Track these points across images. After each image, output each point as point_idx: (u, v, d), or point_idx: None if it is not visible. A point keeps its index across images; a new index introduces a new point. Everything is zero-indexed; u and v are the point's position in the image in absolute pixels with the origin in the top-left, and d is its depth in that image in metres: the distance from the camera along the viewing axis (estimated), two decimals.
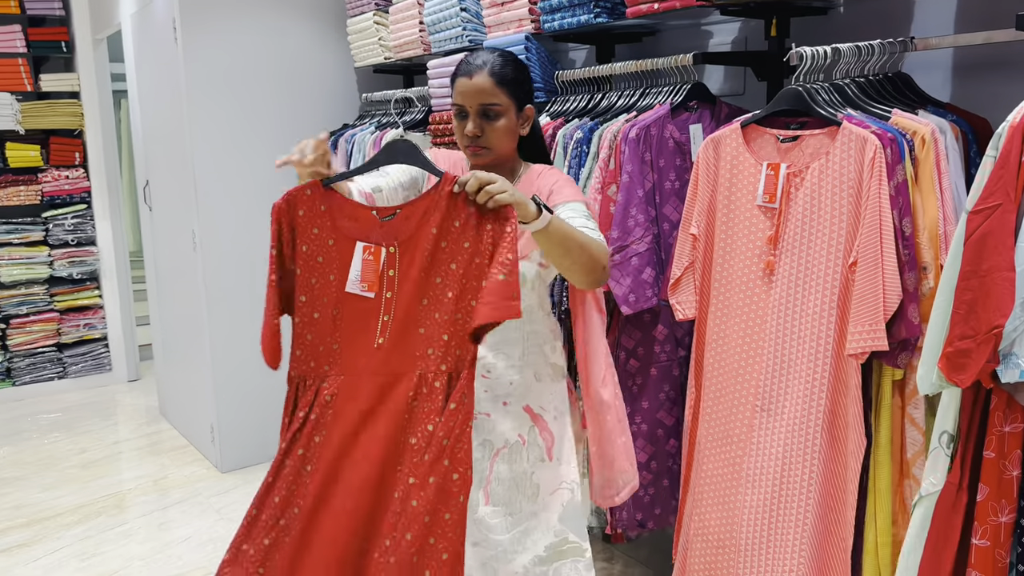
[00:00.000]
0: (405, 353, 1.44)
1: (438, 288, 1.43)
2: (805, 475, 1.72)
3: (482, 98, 1.65)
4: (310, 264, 1.48)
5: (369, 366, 1.45)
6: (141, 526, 3.16)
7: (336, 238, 1.47)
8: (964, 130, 1.71)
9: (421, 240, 1.43)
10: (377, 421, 1.42)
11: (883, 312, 1.55)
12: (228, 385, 3.60)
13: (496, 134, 1.66)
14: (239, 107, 3.51)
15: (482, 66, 1.65)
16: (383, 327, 1.46)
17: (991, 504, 1.38)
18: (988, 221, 1.35)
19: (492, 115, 1.66)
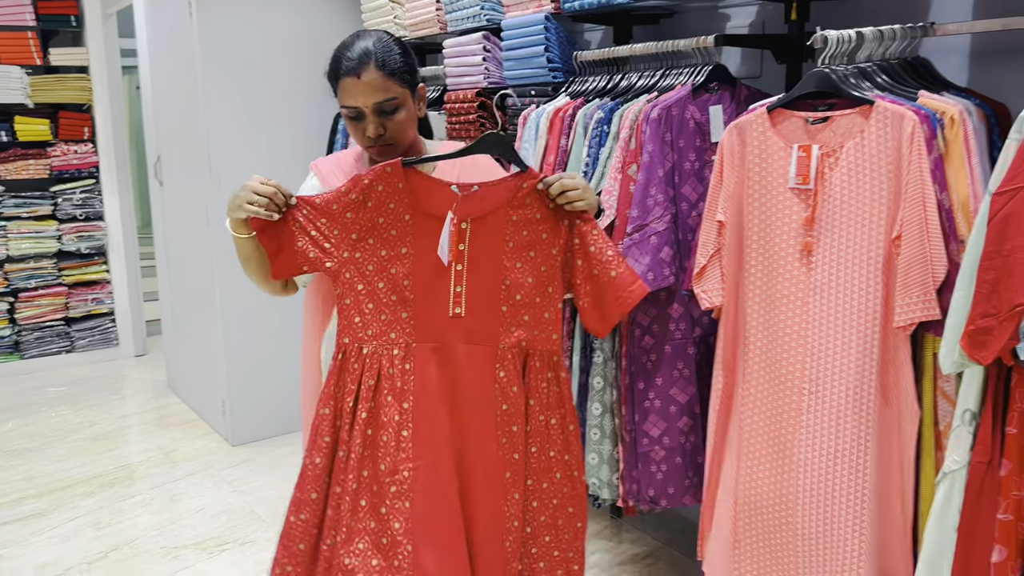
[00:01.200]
0: (486, 327, 1.53)
1: (519, 272, 1.54)
2: (859, 454, 1.74)
3: (376, 96, 1.54)
4: (383, 236, 1.54)
5: (447, 334, 1.52)
6: (154, 497, 3.20)
7: (413, 213, 1.53)
8: (987, 113, 1.74)
9: (498, 223, 1.53)
10: (464, 387, 1.52)
11: (933, 281, 1.58)
12: (239, 360, 3.63)
13: (398, 127, 1.58)
14: (253, 84, 3.52)
15: (367, 60, 1.54)
16: (456, 298, 1.52)
17: (1014, 479, 1.41)
18: (1012, 202, 1.38)
19: (390, 110, 1.56)
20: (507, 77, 2.79)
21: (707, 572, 2.03)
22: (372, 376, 1.52)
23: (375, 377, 1.52)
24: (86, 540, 2.86)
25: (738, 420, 1.96)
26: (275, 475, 3.37)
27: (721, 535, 2.01)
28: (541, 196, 1.55)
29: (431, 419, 1.51)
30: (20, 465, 3.51)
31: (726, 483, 2.01)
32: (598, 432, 2.33)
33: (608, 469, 2.33)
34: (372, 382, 1.52)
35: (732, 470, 1.99)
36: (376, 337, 1.53)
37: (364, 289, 1.53)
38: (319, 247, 1.54)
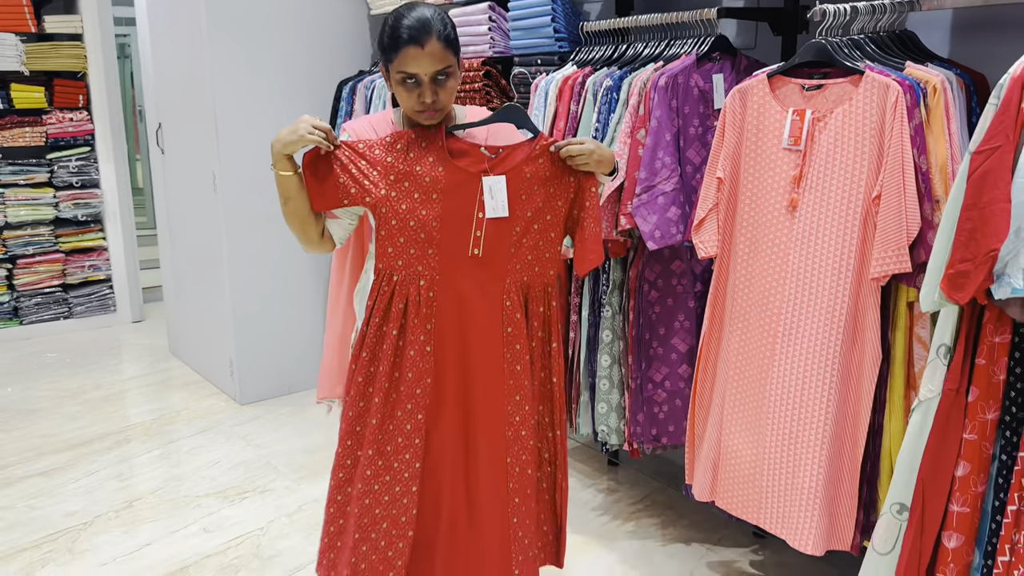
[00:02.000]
0: (497, 265, 1.77)
1: (528, 220, 1.78)
2: (824, 391, 1.95)
3: (436, 65, 1.64)
4: (418, 182, 1.74)
5: (465, 270, 1.76)
6: (172, 451, 3.33)
7: (447, 167, 1.74)
8: (967, 83, 1.91)
9: (514, 179, 1.76)
10: (477, 314, 1.79)
11: (907, 237, 1.77)
12: (246, 322, 3.76)
13: (448, 95, 1.71)
14: (259, 52, 3.61)
15: (429, 30, 1.62)
16: (475, 241, 1.75)
17: (980, 404, 1.61)
18: (989, 160, 1.56)
19: (444, 78, 1.68)
20: (514, 47, 2.92)
21: (696, 494, 2.23)
22: (401, 300, 1.76)
23: (403, 301, 1.76)
24: (110, 491, 3.00)
25: (723, 362, 2.16)
26: (286, 430, 3.52)
27: (705, 466, 2.21)
28: (552, 156, 1.78)
29: (450, 338, 1.78)
30: (35, 424, 3.62)
31: (712, 418, 2.20)
32: (607, 383, 2.50)
33: (616, 417, 2.51)
34: (401, 306, 1.76)
35: (716, 407, 2.19)
36: (405, 267, 1.76)
37: (397, 224, 1.75)
38: (359, 184, 1.74)
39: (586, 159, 1.75)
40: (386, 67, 1.71)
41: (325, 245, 1.87)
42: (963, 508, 1.68)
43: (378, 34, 1.74)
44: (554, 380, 1.86)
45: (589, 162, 1.76)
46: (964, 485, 1.67)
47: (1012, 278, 1.53)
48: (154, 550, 2.59)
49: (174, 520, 2.78)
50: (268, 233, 3.74)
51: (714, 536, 2.62)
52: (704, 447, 2.23)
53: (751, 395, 2.09)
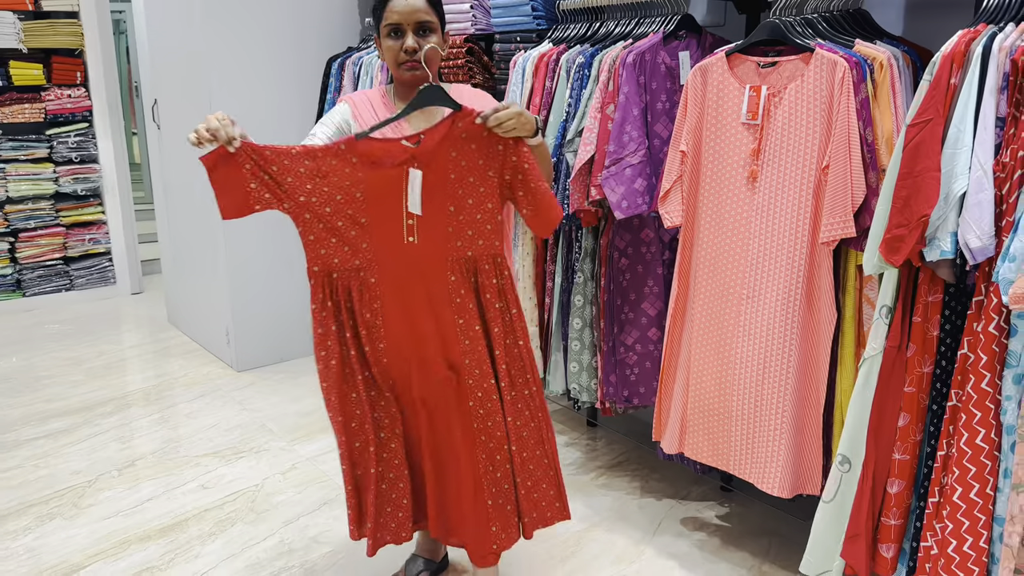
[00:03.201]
0: (437, 246, 1.82)
1: (460, 197, 1.80)
2: (786, 348, 2.09)
3: (418, 16, 1.80)
4: (339, 185, 1.79)
5: (404, 258, 1.82)
6: (171, 415, 3.48)
7: (368, 168, 1.79)
8: (913, 59, 2.03)
9: (440, 161, 1.78)
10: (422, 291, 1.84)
11: (851, 205, 1.90)
12: (242, 292, 3.90)
13: (432, 50, 1.83)
14: (252, 30, 3.71)
15: None
16: (409, 229, 1.81)
17: (917, 358, 1.75)
18: (922, 132, 1.68)
19: (427, 31, 1.83)
20: (495, 24, 3.03)
21: (664, 448, 2.38)
22: (344, 294, 1.84)
23: (347, 294, 1.84)
24: (113, 452, 3.15)
25: (689, 323, 2.30)
26: (280, 395, 3.67)
27: (673, 420, 2.36)
28: (476, 129, 1.76)
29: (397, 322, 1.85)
30: (40, 391, 3.76)
31: (680, 377, 2.35)
32: (578, 344, 2.64)
33: (587, 376, 2.65)
34: (345, 300, 1.84)
35: (684, 366, 2.33)
36: (342, 265, 1.83)
37: (323, 227, 1.81)
38: (272, 191, 1.80)
39: (514, 123, 1.73)
40: (377, 30, 1.85)
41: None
42: (903, 456, 1.83)
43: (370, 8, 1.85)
44: (520, 343, 1.92)
45: (517, 126, 1.73)
46: (904, 434, 1.81)
47: (941, 241, 1.67)
48: (155, 504, 2.74)
49: (173, 478, 2.93)
50: None
51: (683, 491, 2.78)
52: (673, 403, 2.38)
53: (718, 352, 2.23)
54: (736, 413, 2.18)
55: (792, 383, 2.10)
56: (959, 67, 1.67)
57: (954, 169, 1.65)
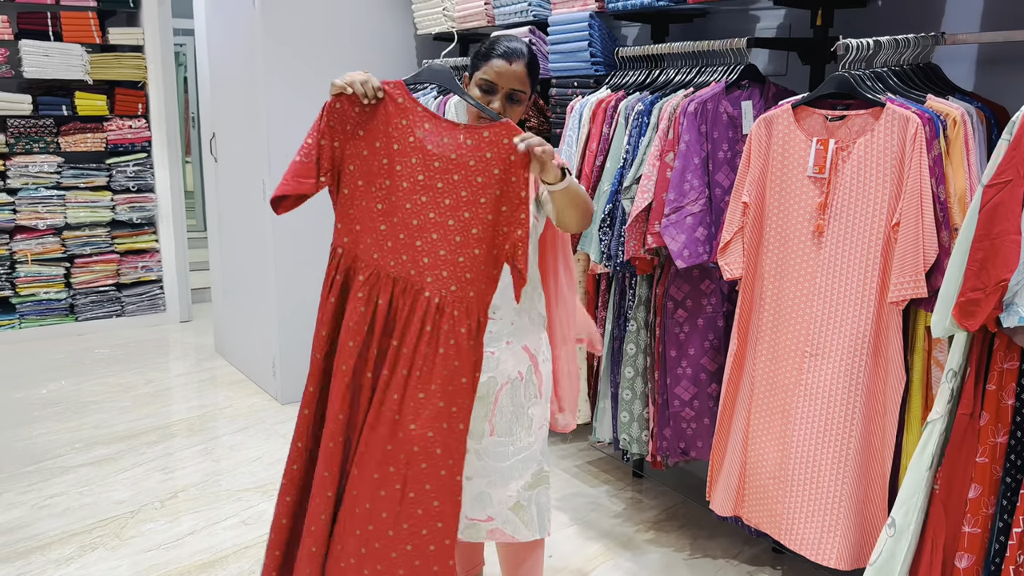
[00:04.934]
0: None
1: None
2: (849, 409, 2.01)
3: (515, 84, 1.80)
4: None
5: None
6: (215, 447, 3.49)
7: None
8: (987, 115, 1.97)
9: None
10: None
11: (923, 264, 1.84)
12: (290, 324, 3.91)
13: (514, 117, 1.83)
14: (309, 68, 3.77)
15: (521, 56, 1.81)
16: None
17: (990, 428, 1.67)
18: (1000, 193, 1.62)
19: (516, 100, 1.83)
20: (552, 69, 3.03)
21: (718, 511, 2.31)
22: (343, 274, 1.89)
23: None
24: (156, 482, 3.15)
25: (749, 380, 2.23)
26: None
27: (730, 482, 2.28)
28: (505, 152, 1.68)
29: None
30: (87, 416, 3.81)
31: (735, 436, 2.27)
32: (630, 393, 2.59)
33: (638, 427, 2.60)
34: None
35: (741, 424, 2.26)
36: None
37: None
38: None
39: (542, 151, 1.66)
40: (471, 74, 1.85)
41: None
42: (974, 529, 1.74)
43: (472, 52, 1.86)
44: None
45: (544, 155, 1.66)
46: (976, 507, 1.72)
47: (1020, 307, 1.60)
48: (195, 539, 2.73)
49: (215, 512, 2.92)
50: (313, 240, 3.88)
51: (734, 550, 2.69)
52: (728, 464, 2.30)
53: (778, 412, 2.16)
54: (793, 477, 2.10)
55: (855, 446, 2.02)
56: None
57: None
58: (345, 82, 1.75)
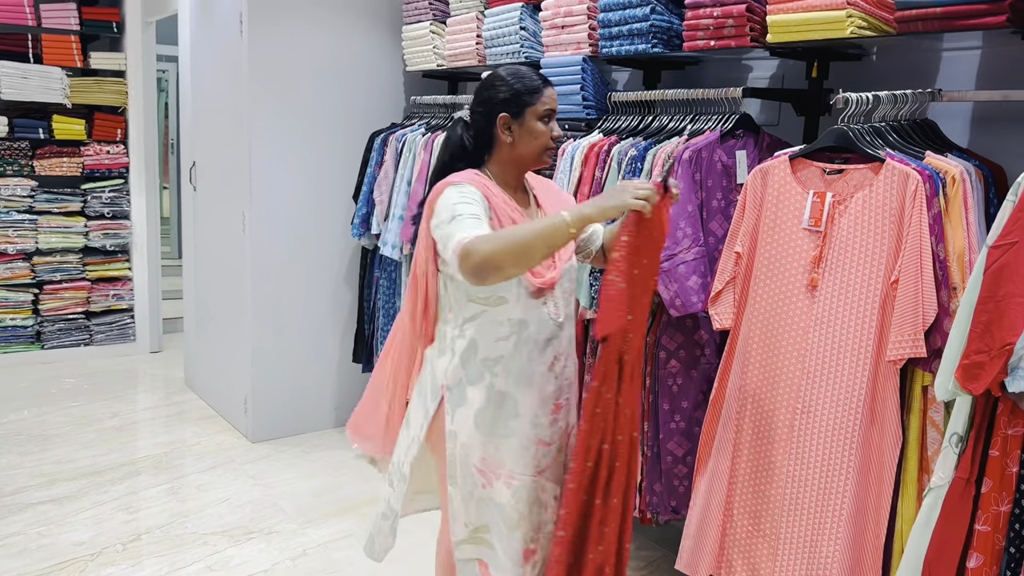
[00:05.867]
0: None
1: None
2: (843, 470, 1.95)
3: (557, 105, 1.87)
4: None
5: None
6: (181, 486, 3.36)
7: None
8: (985, 174, 1.96)
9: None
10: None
11: (922, 323, 1.80)
12: (264, 361, 3.81)
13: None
14: (295, 101, 3.72)
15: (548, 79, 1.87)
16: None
17: (993, 495, 1.62)
18: (1006, 255, 1.60)
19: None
20: None
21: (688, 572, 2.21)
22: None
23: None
24: (118, 523, 3.02)
25: (730, 435, 2.17)
26: (295, 471, 3.54)
27: (704, 542, 2.20)
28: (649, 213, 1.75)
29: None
30: (49, 450, 3.66)
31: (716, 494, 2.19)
32: None
33: None
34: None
35: (722, 481, 2.17)
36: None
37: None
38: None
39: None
40: (520, 112, 1.80)
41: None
42: None
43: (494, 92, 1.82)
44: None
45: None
46: None
47: None
48: None
49: (179, 556, 2.79)
50: (292, 275, 3.81)
51: None
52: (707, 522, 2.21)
53: (764, 470, 2.09)
54: (785, 538, 2.03)
55: (848, 508, 1.96)
56: None
57: None
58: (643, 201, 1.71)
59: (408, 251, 3.37)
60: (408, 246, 3.34)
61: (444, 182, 1.80)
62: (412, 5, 3.72)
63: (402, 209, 3.39)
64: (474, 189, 1.77)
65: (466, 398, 1.82)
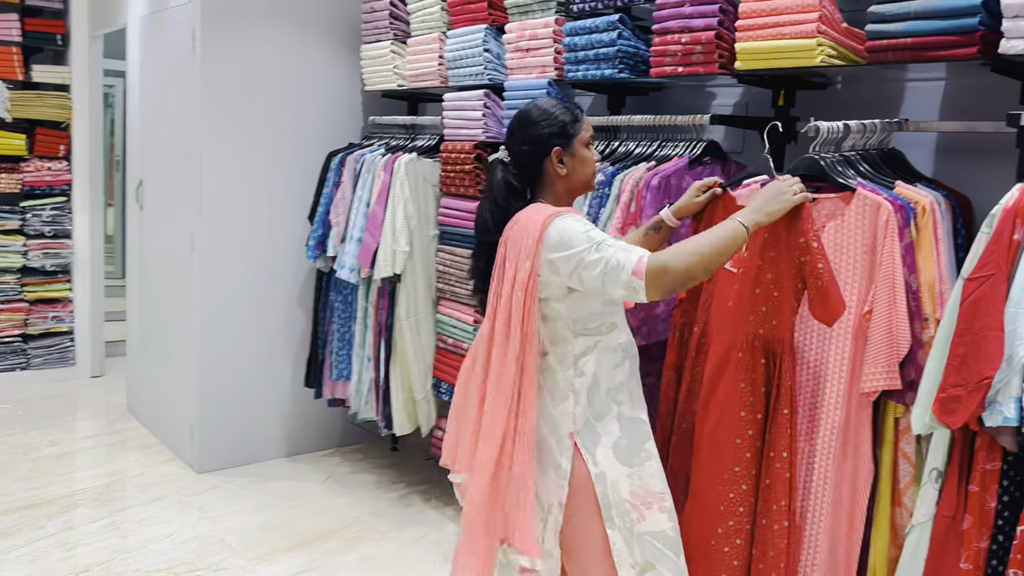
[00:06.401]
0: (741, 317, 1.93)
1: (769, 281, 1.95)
2: (818, 505, 1.91)
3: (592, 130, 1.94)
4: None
5: (721, 322, 1.95)
6: (123, 520, 3.19)
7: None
8: (952, 204, 1.95)
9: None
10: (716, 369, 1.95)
11: (897, 355, 1.77)
12: (212, 386, 3.66)
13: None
14: (249, 119, 3.61)
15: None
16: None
17: (974, 532, 1.60)
18: (982, 288, 1.58)
19: None
20: None
21: None
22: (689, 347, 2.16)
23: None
24: (55, 561, 2.85)
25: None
26: (243, 503, 3.39)
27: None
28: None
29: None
30: None
31: None
32: None
33: None
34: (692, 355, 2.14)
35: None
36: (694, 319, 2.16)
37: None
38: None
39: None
40: (570, 143, 1.83)
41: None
42: None
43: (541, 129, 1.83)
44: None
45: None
46: None
47: (1003, 407, 1.54)
48: None
49: None
50: (242, 298, 3.68)
51: None
52: None
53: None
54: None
55: (823, 544, 1.92)
56: (1023, 222, 1.59)
57: (1018, 330, 1.54)
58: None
59: (367, 274, 3.28)
60: (367, 269, 3.24)
61: (545, 216, 1.76)
62: (372, 24, 3.65)
63: (360, 231, 3.30)
64: (578, 215, 1.80)
65: (599, 435, 1.79)
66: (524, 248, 1.74)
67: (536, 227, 1.74)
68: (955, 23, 1.81)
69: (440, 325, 3.24)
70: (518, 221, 1.80)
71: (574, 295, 1.77)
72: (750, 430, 1.92)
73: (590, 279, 1.68)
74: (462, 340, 3.11)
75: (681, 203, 2.08)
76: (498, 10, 3.00)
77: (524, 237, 1.75)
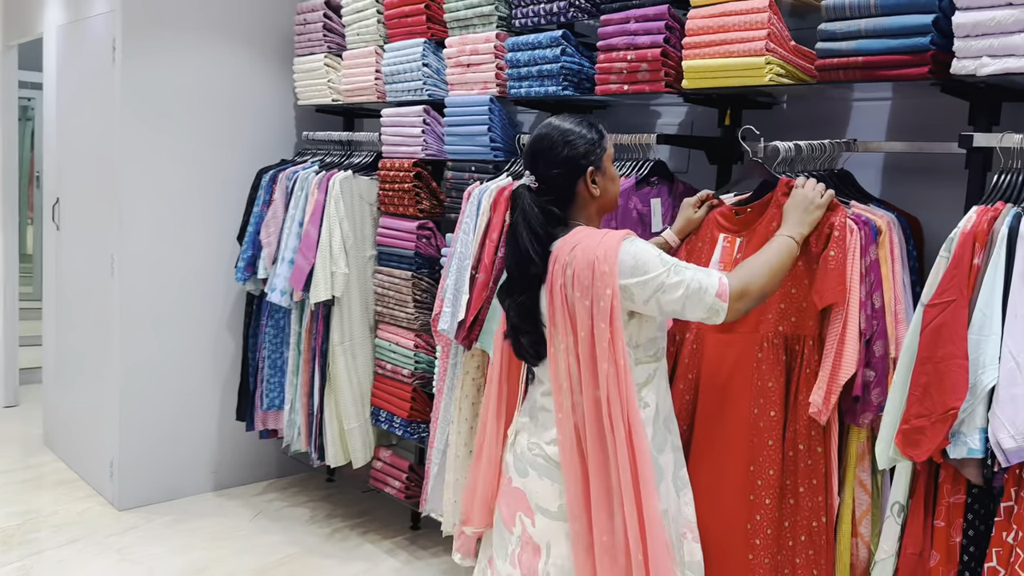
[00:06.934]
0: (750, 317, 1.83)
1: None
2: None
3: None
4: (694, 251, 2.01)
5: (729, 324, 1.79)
6: (35, 564, 2.95)
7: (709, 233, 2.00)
8: (904, 225, 1.91)
9: (763, 231, 1.89)
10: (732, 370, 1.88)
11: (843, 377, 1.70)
12: (134, 417, 3.44)
13: None
14: (173, 133, 3.42)
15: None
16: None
17: (941, 569, 1.53)
18: (943, 314, 1.53)
19: None
20: (448, 151, 2.84)
21: None
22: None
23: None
24: None
25: None
26: (167, 544, 3.18)
27: None
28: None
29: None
30: None
31: None
32: None
33: None
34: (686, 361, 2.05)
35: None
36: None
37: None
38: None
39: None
40: (600, 161, 1.74)
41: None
42: None
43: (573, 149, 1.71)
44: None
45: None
46: None
47: (968, 438, 1.49)
48: None
49: None
50: (167, 323, 3.48)
51: None
52: None
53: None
54: None
55: None
56: (982, 246, 1.54)
57: (980, 358, 1.49)
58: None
59: (300, 298, 3.12)
60: (300, 293, 3.09)
61: (615, 240, 1.63)
62: (305, 36, 3.51)
63: (292, 252, 3.14)
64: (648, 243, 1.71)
65: (662, 468, 1.72)
66: (598, 276, 1.60)
67: (607, 253, 1.61)
68: (906, 42, 1.77)
69: (379, 350, 3.10)
70: (576, 248, 1.64)
71: (633, 321, 1.66)
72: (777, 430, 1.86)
73: (669, 303, 1.60)
74: (401, 366, 2.97)
75: (681, 222, 2.05)
76: (437, 24, 2.90)
77: (595, 265, 1.61)
